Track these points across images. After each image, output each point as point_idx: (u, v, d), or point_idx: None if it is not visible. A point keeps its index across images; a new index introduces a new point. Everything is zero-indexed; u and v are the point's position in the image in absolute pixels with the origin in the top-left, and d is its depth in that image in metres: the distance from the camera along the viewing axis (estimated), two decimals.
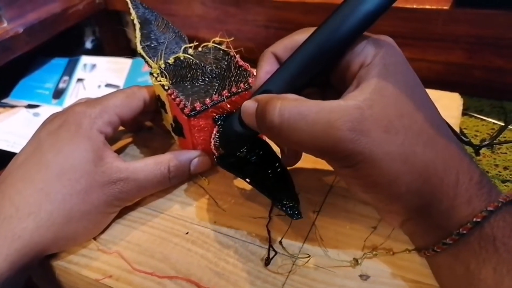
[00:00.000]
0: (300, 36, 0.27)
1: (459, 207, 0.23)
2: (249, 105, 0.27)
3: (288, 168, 0.32)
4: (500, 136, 0.41)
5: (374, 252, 0.29)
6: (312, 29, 0.27)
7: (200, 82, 0.34)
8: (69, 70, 0.72)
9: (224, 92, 0.33)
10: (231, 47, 0.36)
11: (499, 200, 0.23)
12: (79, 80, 0.70)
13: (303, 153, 0.34)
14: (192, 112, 0.32)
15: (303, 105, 0.24)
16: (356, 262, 0.28)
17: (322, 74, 0.27)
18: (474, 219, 0.22)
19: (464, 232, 0.23)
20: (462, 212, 0.23)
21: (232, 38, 0.36)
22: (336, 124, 0.23)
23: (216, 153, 0.32)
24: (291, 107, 0.24)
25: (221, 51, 0.37)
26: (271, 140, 0.27)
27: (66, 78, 0.70)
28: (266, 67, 0.28)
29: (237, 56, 0.36)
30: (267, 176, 0.31)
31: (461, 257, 0.23)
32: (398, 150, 0.23)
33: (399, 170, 0.23)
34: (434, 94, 0.43)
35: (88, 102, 0.34)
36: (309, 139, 0.24)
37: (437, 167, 0.23)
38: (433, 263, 0.26)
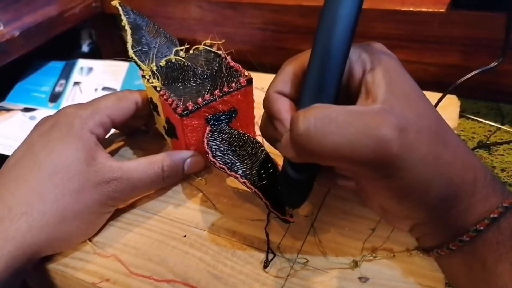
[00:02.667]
0: (292, 65, 0.27)
1: (476, 204, 0.23)
2: (284, 137, 0.25)
3: None
4: (497, 137, 0.41)
5: (373, 254, 0.29)
6: (300, 56, 0.27)
7: (192, 83, 0.35)
8: (66, 74, 0.71)
9: (216, 92, 0.33)
10: (222, 49, 0.37)
11: None
12: (76, 83, 0.70)
13: None
14: (185, 112, 0.32)
15: (329, 109, 0.22)
16: (355, 264, 0.28)
17: (339, 85, 0.25)
18: (491, 215, 0.22)
19: (481, 228, 0.23)
20: (479, 209, 0.23)
21: (223, 41, 0.37)
22: (373, 124, 0.21)
23: (210, 156, 0.31)
24: (316, 112, 0.22)
25: (212, 53, 0.37)
26: (308, 160, 0.24)
27: (62, 81, 0.70)
28: (283, 107, 0.26)
29: (228, 57, 0.36)
30: (260, 178, 0.31)
31: (478, 254, 0.23)
32: (429, 151, 0.22)
33: (432, 175, 0.22)
34: (431, 96, 0.44)
35: (79, 104, 0.34)
36: (345, 143, 0.21)
37: (457, 167, 0.23)
38: (446, 262, 0.26)
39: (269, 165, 0.31)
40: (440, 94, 0.44)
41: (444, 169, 0.23)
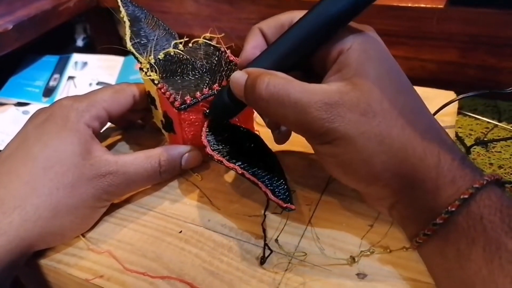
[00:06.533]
0: (284, 17, 0.29)
1: (444, 187, 0.24)
2: (238, 76, 0.28)
3: (284, 165, 0.32)
4: (494, 134, 0.41)
5: (371, 250, 0.29)
6: (297, 12, 0.28)
7: (190, 77, 0.34)
8: (60, 68, 0.71)
9: (215, 86, 0.32)
10: (222, 43, 0.36)
11: (484, 178, 0.23)
12: (70, 78, 0.69)
13: (299, 151, 0.34)
14: (182, 106, 0.31)
15: (289, 83, 0.26)
16: (353, 260, 0.28)
17: (308, 57, 0.28)
18: (462, 196, 0.23)
19: (453, 209, 0.23)
20: (447, 192, 0.23)
21: (223, 34, 0.36)
22: (315, 105, 0.24)
23: (208, 150, 0.31)
24: (278, 83, 0.26)
25: (212, 47, 0.37)
26: (257, 112, 0.29)
27: (56, 76, 0.69)
28: (253, 42, 0.30)
29: (228, 51, 0.36)
30: (259, 169, 0.30)
31: (451, 239, 0.23)
32: (373, 130, 0.24)
33: (374, 149, 0.24)
34: (430, 92, 0.44)
35: (75, 97, 0.34)
36: (291, 114, 0.25)
37: (416, 149, 0.24)
38: (425, 252, 0.26)
39: (268, 157, 0.31)
40: (439, 90, 0.44)
41: (393, 148, 0.24)
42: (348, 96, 0.24)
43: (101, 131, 0.37)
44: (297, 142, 0.33)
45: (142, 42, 0.36)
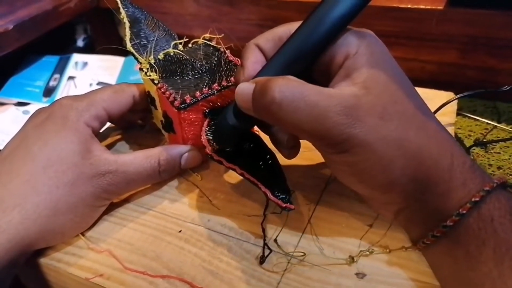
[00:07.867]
0: (281, 29, 0.28)
1: (455, 189, 0.23)
2: (244, 87, 0.27)
3: (283, 165, 0.32)
4: (493, 135, 0.41)
5: (370, 250, 0.29)
6: (294, 23, 0.28)
7: (190, 77, 0.34)
8: (60, 68, 0.71)
9: (214, 86, 0.32)
10: (221, 43, 0.36)
11: (494, 181, 0.23)
12: (70, 78, 0.69)
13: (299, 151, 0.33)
14: (182, 105, 0.31)
15: (304, 86, 0.24)
16: (352, 259, 0.28)
17: (311, 64, 0.27)
18: (473, 199, 0.23)
19: (464, 212, 0.23)
20: (458, 194, 0.23)
21: (222, 35, 0.36)
22: (334, 109, 0.23)
23: (208, 150, 0.31)
24: (293, 86, 0.24)
25: (211, 47, 0.37)
26: (268, 121, 0.27)
27: (57, 76, 0.70)
28: (252, 58, 0.29)
29: (227, 51, 0.36)
30: (258, 169, 0.30)
31: (461, 241, 0.23)
32: (392, 134, 0.24)
33: (393, 154, 0.24)
34: (429, 93, 0.44)
35: (75, 96, 0.34)
36: (307, 120, 0.24)
37: (431, 151, 0.24)
38: (432, 254, 0.26)
39: (267, 156, 0.31)
40: (438, 91, 0.44)
41: (410, 151, 0.24)
42: (364, 100, 0.24)
43: (101, 131, 0.37)
44: None
45: (142, 43, 0.36)
